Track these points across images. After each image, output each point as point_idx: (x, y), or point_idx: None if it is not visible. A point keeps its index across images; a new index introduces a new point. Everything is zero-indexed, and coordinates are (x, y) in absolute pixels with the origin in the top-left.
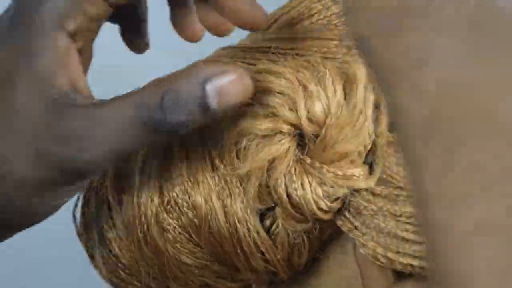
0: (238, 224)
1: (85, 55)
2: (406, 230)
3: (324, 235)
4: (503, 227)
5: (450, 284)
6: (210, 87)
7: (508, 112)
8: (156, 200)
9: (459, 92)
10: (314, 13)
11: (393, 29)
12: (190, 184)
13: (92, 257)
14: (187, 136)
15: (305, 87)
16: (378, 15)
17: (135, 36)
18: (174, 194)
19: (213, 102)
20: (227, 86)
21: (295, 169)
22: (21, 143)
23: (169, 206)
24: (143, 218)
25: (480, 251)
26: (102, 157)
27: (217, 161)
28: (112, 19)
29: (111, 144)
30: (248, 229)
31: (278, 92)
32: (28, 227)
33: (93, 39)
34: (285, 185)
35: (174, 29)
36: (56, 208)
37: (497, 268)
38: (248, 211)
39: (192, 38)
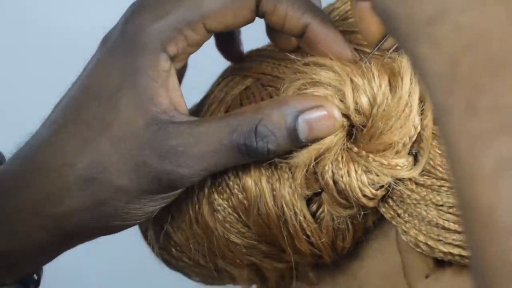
0: (285, 207)
1: (182, 74)
2: (447, 220)
3: (368, 222)
4: None
5: (477, 215)
6: (301, 121)
7: None
8: (209, 181)
9: (475, 40)
10: None
11: None
12: (241, 167)
13: (145, 235)
14: None
15: (351, 80)
16: None
17: (230, 47)
18: (226, 176)
19: (302, 135)
20: (318, 121)
21: (342, 157)
22: (120, 154)
23: (220, 188)
24: (195, 198)
25: (501, 183)
26: (197, 173)
27: None
28: None
29: (206, 162)
30: (295, 212)
31: (326, 84)
32: (123, 229)
33: (186, 64)
34: (332, 172)
35: (221, 53)
36: (152, 213)
37: None
38: (296, 196)
39: (236, 60)
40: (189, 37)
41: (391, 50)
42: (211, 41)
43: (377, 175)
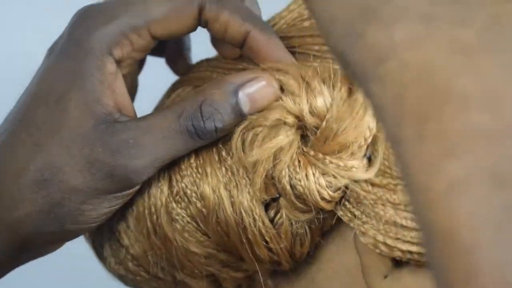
0: (244, 213)
1: (130, 83)
2: (405, 218)
3: (325, 226)
4: (472, 182)
5: (438, 236)
6: (242, 95)
7: (463, 86)
8: (166, 190)
9: (419, 74)
10: None
11: (357, 33)
12: (198, 175)
13: (99, 252)
14: None
15: (308, 83)
16: (345, 22)
17: (180, 61)
18: (183, 185)
19: (246, 108)
20: (258, 92)
21: (299, 161)
22: (72, 155)
23: (178, 197)
24: (152, 209)
25: (455, 203)
26: (151, 163)
27: (224, 153)
28: (155, 52)
29: (159, 151)
30: (254, 218)
31: (282, 88)
32: (82, 233)
33: (138, 71)
34: (289, 176)
35: (169, 67)
36: (106, 215)
37: (476, 218)
38: (254, 201)
39: (183, 73)
40: (134, 41)
41: None
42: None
43: (334, 177)
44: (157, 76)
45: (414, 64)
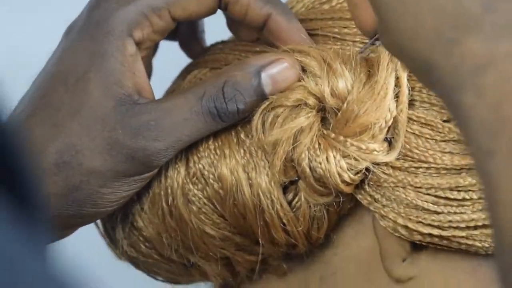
0: (262, 196)
1: (147, 67)
2: (426, 201)
3: (343, 209)
4: None
5: None
6: (264, 76)
7: None
8: (183, 172)
9: None
10: None
11: (452, 39)
12: (216, 157)
13: (110, 235)
14: None
15: (329, 65)
16: (435, 29)
17: (194, 44)
18: (201, 166)
19: (268, 89)
20: (280, 73)
21: (319, 144)
22: (92, 137)
23: (195, 178)
24: (169, 190)
25: None
26: (172, 145)
27: (242, 135)
28: (169, 36)
29: (180, 133)
30: (272, 201)
31: (304, 69)
32: (99, 217)
33: (153, 54)
34: (309, 159)
35: (183, 50)
36: (124, 198)
37: None
38: (272, 184)
39: (197, 56)
40: (154, 23)
41: (370, 42)
42: None
43: (356, 160)
44: (166, 59)
45: None
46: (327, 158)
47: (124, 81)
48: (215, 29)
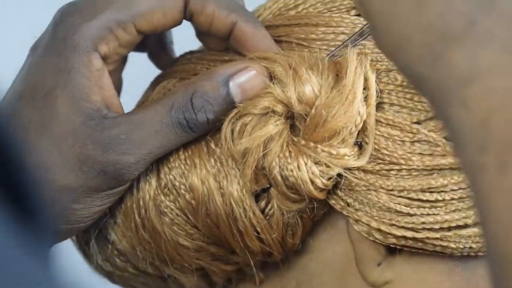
0: (234, 204)
1: (115, 81)
2: (399, 203)
3: (317, 215)
4: None
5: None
6: (233, 84)
7: None
8: (154, 183)
9: (507, 101)
10: (300, 3)
11: (439, 54)
12: (187, 167)
13: (84, 249)
14: None
15: (295, 71)
16: (423, 44)
17: (163, 55)
18: (171, 177)
19: (237, 98)
20: (248, 81)
21: (289, 151)
22: (62, 153)
23: (166, 189)
24: (141, 202)
25: None
26: (143, 158)
27: (212, 145)
28: (137, 47)
29: (150, 145)
30: (244, 209)
31: (271, 76)
32: (73, 234)
33: (122, 68)
34: (280, 167)
35: (152, 61)
36: (97, 213)
37: None
38: (244, 192)
39: (166, 67)
40: (120, 37)
41: (340, 47)
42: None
43: (327, 166)
44: (136, 71)
45: (501, 90)
46: (298, 166)
47: (91, 95)
48: (185, 40)
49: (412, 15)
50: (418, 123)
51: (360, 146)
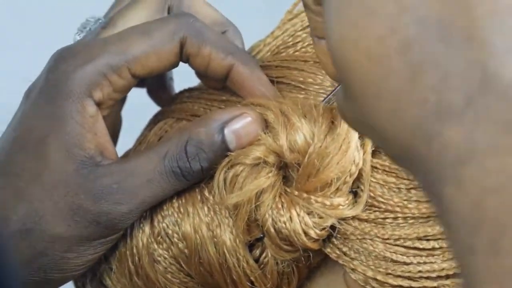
0: (227, 254)
1: (112, 122)
2: (395, 252)
3: (313, 263)
4: None
5: None
6: (228, 132)
7: None
8: (148, 231)
9: (502, 183)
10: (298, 41)
11: (434, 130)
12: (180, 215)
13: None
14: None
15: (288, 118)
16: (417, 119)
17: (162, 93)
18: (164, 225)
19: (232, 145)
20: (243, 128)
21: (282, 203)
22: (54, 202)
23: (159, 237)
24: (134, 250)
25: None
26: (136, 206)
27: (206, 193)
28: (138, 84)
29: (143, 195)
30: (238, 259)
31: (266, 124)
32: (66, 282)
33: (120, 108)
34: (273, 219)
35: (151, 98)
36: (91, 261)
37: None
38: (237, 241)
39: (165, 104)
40: (114, 82)
41: (334, 91)
42: None
43: (320, 217)
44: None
45: (497, 172)
46: (291, 217)
47: (84, 143)
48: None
49: (405, 90)
50: None
51: (355, 194)
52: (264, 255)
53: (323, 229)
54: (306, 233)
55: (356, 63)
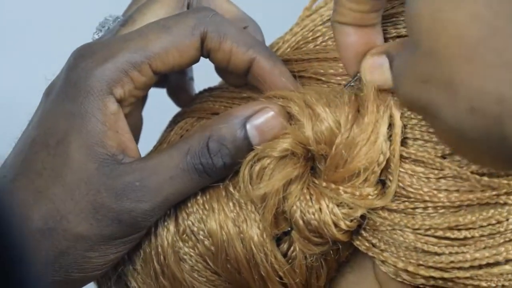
0: (254, 249)
1: (134, 121)
2: (426, 243)
3: (342, 257)
4: None
5: None
6: (250, 127)
7: None
8: (172, 229)
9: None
10: (318, 36)
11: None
12: (205, 212)
13: None
14: None
15: (312, 109)
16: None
17: (183, 93)
18: (190, 222)
19: (255, 141)
20: (266, 123)
21: (310, 194)
22: (76, 201)
23: (184, 235)
24: (159, 249)
25: None
26: (159, 204)
27: (231, 188)
28: (156, 84)
29: (166, 192)
30: (265, 254)
31: (290, 116)
32: (88, 282)
33: (141, 107)
34: (301, 211)
35: (172, 99)
36: (113, 261)
37: None
38: (265, 236)
39: (186, 104)
40: (135, 79)
41: (358, 76)
42: None
43: (350, 208)
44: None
45: None
46: (320, 209)
47: (106, 141)
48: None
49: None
50: (443, 157)
51: (383, 184)
52: (292, 249)
53: (353, 220)
54: (336, 224)
55: (456, 24)
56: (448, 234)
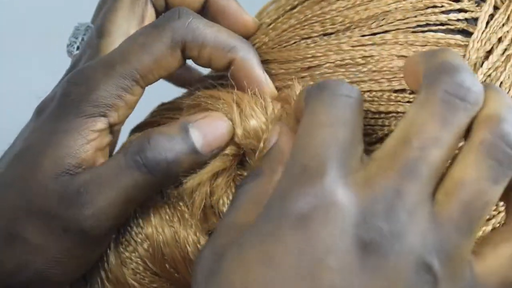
0: (188, 247)
1: (116, 138)
2: None
3: None
4: None
5: None
6: (192, 128)
7: None
8: (114, 235)
9: None
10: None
11: None
12: (142, 215)
13: None
14: None
15: (239, 106)
16: None
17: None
18: (128, 227)
19: (198, 143)
20: (209, 125)
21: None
22: (33, 211)
23: (125, 239)
24: (103, 255)
25: None
26: (100, 209)
27: (167, 190)
28: None
29: (109, 194)
30: (199, 250)
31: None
32: None
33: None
34: (228, 204)
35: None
36: (75, 273)
37: None
38: (198, 233)
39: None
40: (128, 101)
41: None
42: None
43: None
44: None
45: None
46: None
47: (80, 154)
48: None
49: None
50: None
51: None
52: None
53: None
54: None
55: None
56: None
